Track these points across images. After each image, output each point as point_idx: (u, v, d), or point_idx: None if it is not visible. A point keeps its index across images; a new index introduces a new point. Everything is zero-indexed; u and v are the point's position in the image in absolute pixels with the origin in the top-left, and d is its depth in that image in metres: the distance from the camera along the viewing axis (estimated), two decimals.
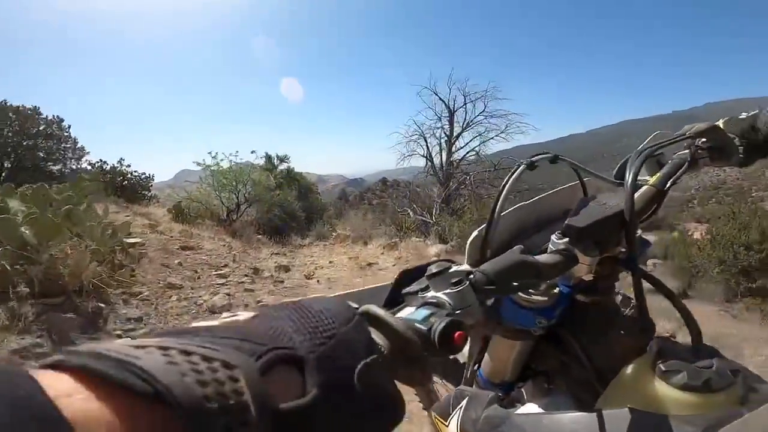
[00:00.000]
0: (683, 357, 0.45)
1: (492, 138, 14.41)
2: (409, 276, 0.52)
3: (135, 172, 10.83)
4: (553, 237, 0.53)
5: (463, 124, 14.79)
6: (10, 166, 11.40)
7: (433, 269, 0.42)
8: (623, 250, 0.57)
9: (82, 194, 4.77)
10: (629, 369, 0.49)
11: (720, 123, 0.67)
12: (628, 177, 0.54)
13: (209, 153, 10.68)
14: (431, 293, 0.40)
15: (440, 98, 14.81)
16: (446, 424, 0.63)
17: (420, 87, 14.95)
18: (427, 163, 15.00)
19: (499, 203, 0.59)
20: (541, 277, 0.45)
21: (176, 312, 3.51)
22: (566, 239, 0.51)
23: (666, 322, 3.47)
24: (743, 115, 0.67)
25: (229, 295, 4.15)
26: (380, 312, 0.29)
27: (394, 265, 6.02)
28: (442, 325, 0.31)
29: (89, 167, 11.22)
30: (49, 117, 12.58)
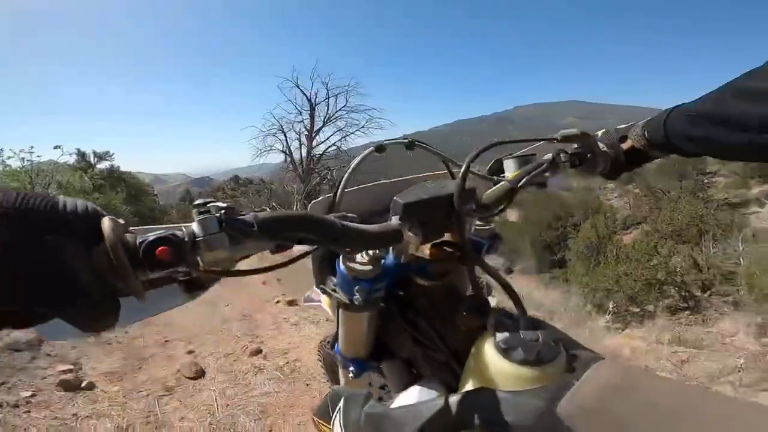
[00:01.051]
0: (514, 331, 0.47)
1: (353, 133, 14.73)
2: None
3: None
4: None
5: (325, 118, 14.78)
6: None
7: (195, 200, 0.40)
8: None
9: None
10: (476, 348, 0.50)
11: (598, 133, 0.69)
12: (465, 165, 0.55)
13: None
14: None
15: (302, 91, 14.54)
16: (330, 427, 0.62)
17: (281, 79, 14.36)
18: (286, 158, 14.56)
19: (344, 179, 0.63)
20: (360, 244, 0.48)
21: None
22: (397, 216, 0.52)
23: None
24: (621, 127, 0.69)
25: None
26: (107, 222, 0.31)
27: None
28: (150, 238, 0.33)
29: None
30: None
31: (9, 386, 2.01)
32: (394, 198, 0.52)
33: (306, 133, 14.72)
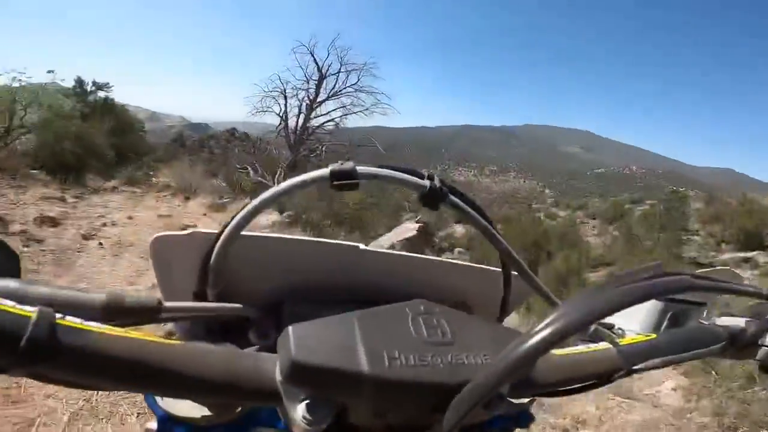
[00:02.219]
0: None
1: (355, 112, 14.55)
2: None
3: None
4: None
5: (330, 92, 14.57)
6: None
7: None
8: None
9: None
10: None
11: None
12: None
13: None
14: None
15: (315, 60, 14.37)
16: None
17: (297, 44, 14.17)
18: (281, 123, 14.33)
19: (254, 204, 0.33)
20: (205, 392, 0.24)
21: None
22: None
23: None
24: None
25: None
26: None
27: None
28: None
29: None
30: None
31: None
32: (286, 328, 0.25)
33: (308, 102, 14.47)
